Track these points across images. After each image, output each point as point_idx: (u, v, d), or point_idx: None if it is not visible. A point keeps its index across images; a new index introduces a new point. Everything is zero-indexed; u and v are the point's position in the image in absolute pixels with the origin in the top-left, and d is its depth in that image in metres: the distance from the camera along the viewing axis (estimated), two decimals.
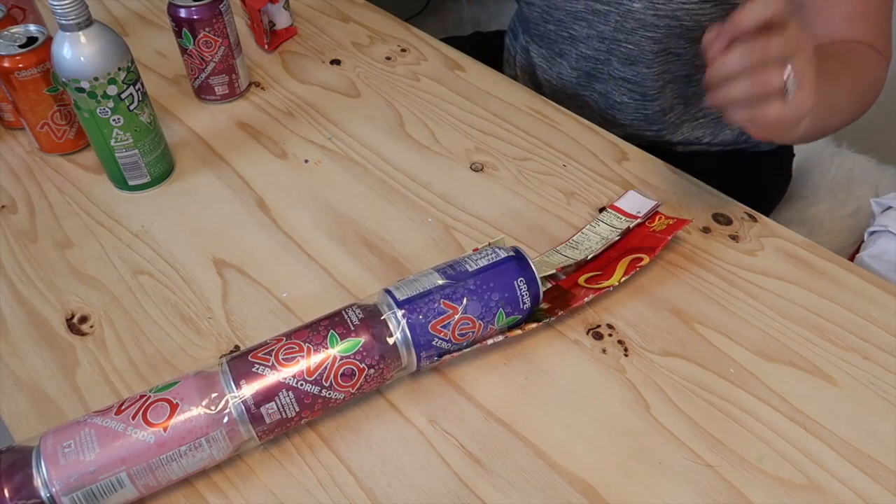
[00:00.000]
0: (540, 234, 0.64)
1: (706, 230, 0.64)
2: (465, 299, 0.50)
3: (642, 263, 0.57)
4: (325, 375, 0.47)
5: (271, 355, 0.47)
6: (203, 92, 0.79)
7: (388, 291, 0.51)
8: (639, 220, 0.61)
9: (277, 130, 0.76)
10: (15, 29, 0.69)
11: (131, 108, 0.64)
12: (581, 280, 0.58)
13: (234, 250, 0.64)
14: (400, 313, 0.49)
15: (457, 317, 0.50)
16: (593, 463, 0.48)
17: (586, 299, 0.56)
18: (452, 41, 0.91)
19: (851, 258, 0.81)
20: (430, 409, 0.52)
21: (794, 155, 0.93)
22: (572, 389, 0.53)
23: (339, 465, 0.49)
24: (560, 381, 0.53)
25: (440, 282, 0.51)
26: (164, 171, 0.70)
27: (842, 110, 0.61)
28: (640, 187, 0.67)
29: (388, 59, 0.86)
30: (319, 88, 0.82)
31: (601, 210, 0.65)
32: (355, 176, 0.71)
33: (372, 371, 0.49)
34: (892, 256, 0.76)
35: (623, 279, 0.56)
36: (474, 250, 0.54)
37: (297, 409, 0.47)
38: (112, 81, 0.61)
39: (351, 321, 0.49)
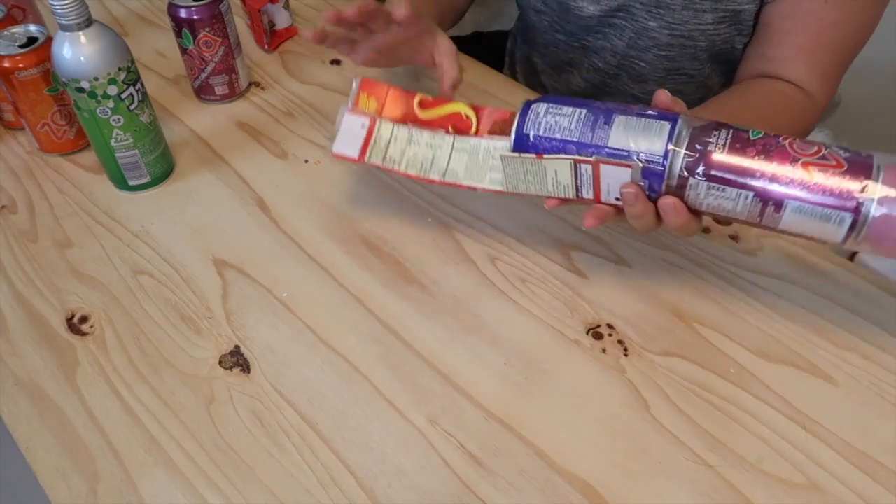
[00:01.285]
0: (539, 233, 0.64)
1: (706, 230, 0.64)
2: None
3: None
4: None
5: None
6: (203, 92, 0.79)
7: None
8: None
9: (277, 130, 0.76)
10: (15, 29, 0.69)
11: (131, 108, 0.64)
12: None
13: (234, 250, 0.64)
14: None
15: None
16: (593, 463, 0.48)
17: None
18: (452, 41, 0.91)
19: (851, 258, 0.81)
20: (430, 409, 0.52)
21: None
22: (572, 389, 0.53)
23: (339, 465, 0.49)
24: (560, 380, 0.53)
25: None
26: (164, 171, 0.70)
27: None
28: None
29: None
30: (319, 88, 0.82)
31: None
32: (355, 176, 0.71)
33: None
34: None
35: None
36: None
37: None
38: (112, 81, 0.61)
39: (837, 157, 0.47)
